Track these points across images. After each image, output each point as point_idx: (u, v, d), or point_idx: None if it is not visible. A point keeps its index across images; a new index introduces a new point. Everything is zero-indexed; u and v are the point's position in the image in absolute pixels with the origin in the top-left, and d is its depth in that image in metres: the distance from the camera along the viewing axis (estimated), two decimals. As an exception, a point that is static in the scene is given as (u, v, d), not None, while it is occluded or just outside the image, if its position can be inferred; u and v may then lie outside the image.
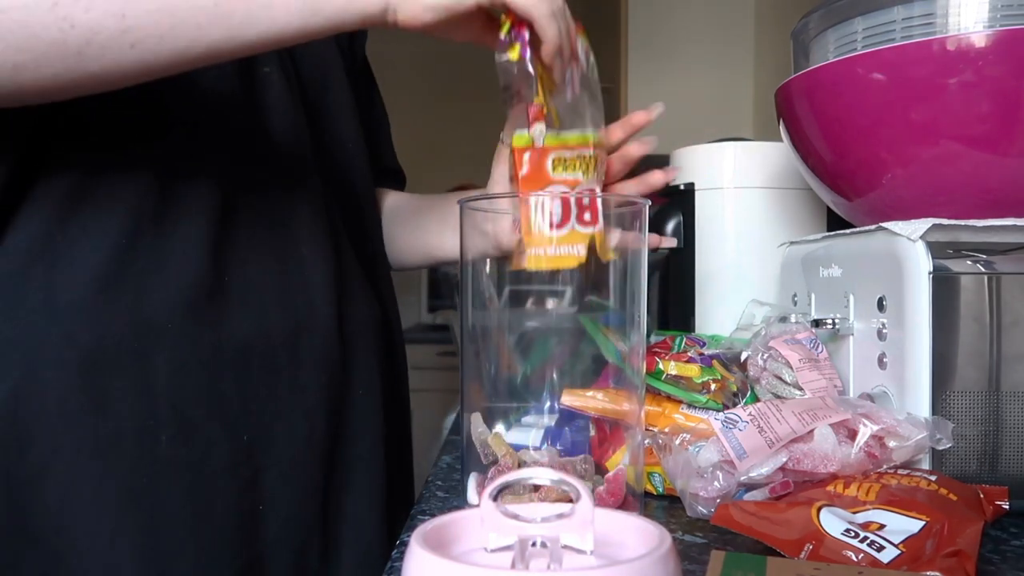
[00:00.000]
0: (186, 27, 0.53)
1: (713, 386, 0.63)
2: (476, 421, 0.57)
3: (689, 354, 0.68)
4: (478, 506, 0.35)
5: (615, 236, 0.59)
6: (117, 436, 0.61)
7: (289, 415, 0.69)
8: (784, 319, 0.76)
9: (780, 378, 0.66)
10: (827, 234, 0.76)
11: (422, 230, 0.89)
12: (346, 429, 0.73)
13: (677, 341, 0.74)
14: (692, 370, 0.64)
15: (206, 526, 0.64)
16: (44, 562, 0.59)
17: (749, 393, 0.68)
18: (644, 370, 0.58)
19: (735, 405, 0.63)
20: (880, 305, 0.62)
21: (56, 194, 0.62)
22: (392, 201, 0.94)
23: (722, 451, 0.54)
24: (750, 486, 0.54)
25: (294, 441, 0.69)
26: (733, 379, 0.67)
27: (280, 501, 0.68)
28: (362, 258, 0.79)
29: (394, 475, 0.79)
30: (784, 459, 0.54)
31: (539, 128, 0.60)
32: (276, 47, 0.57)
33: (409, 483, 0.88)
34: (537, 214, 0.56)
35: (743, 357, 0.69)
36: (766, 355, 0.68)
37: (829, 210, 0.89)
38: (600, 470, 0.57)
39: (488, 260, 0.58)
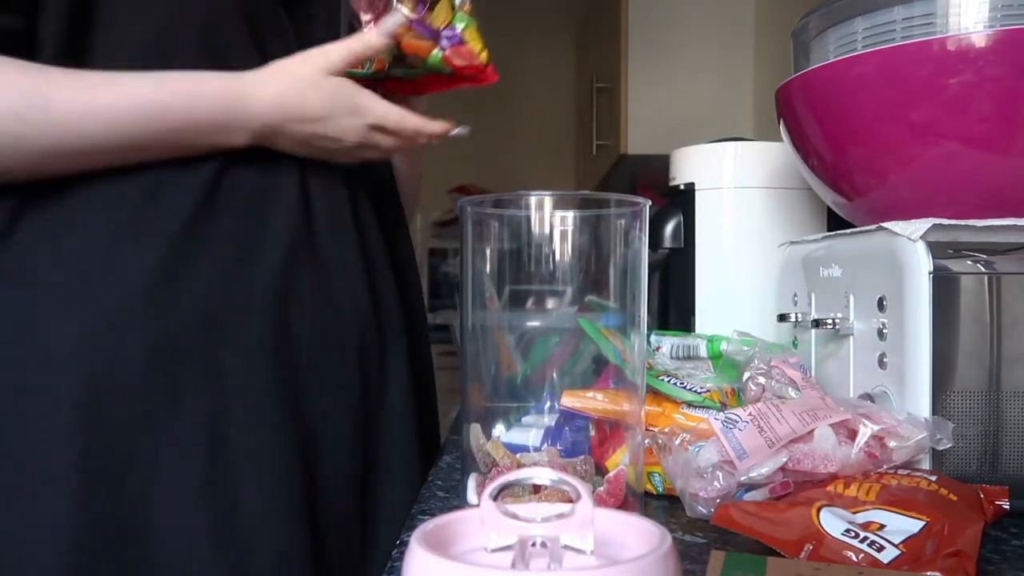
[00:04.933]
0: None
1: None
2: (476, 432, 0.57)
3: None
4: (478, 506, 0.35)
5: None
6: (190, 428, 0.62)
7: (336, 406, 0.70)
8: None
9: (783, 399, 0.66)
10: (827, 234, 0.76)
11: None
12: (381, 421, 0.74)
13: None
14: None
15: (276, 514, 0.65)
16: (130, 554, 0.61)
17: None
18: (644, 370, 0.58)
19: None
20: (880, 305, 0.62)
21: (121, 185, 0.64)
22: None
23: (722, 451, 0.54)
24: (750, 486, 0.54)
25: (340, 431, 0.70)
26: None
27: (330, 490, 0.69)
28: (387, 245, 0.80)
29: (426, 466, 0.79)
30: (784, 459, 0.54)
31: None
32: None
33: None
34: None
35: (744, 377, 0.69)
36: (768, 373, 0.67)
37: (829, 210, 0.89)
38: (600, 470, 0.57)
39: (488, 260, 0.58)
